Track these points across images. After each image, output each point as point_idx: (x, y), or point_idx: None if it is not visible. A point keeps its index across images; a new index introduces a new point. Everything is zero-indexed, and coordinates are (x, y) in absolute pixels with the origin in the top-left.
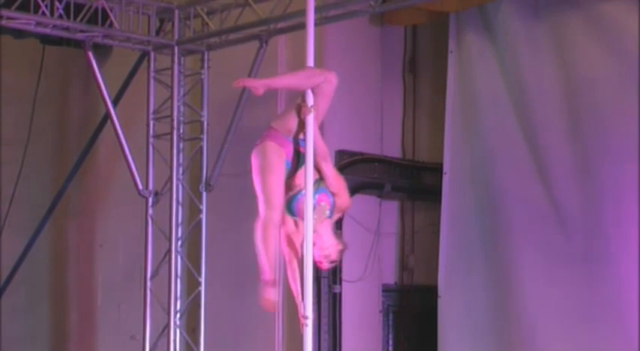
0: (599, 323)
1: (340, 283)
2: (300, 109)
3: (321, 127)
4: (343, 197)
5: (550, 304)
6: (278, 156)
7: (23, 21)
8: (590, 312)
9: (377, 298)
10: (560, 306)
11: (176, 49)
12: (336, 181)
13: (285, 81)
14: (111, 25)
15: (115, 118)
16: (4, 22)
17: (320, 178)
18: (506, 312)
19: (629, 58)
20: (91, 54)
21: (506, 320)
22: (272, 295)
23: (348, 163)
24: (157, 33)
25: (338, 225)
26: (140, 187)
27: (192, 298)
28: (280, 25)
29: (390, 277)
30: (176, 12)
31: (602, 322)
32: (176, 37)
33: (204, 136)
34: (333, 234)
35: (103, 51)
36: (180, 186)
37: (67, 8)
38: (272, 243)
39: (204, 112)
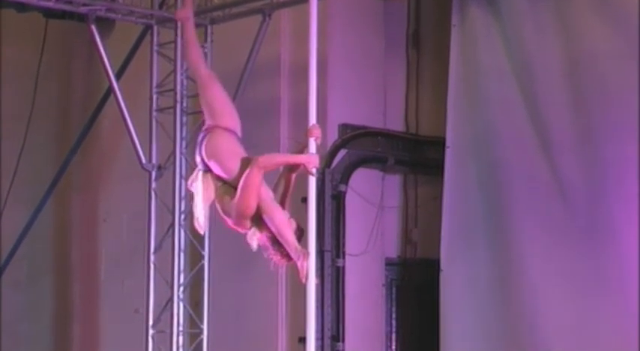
0: (600, 297)
1: (343, 257)
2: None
3: (325, 102)
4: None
5: (552, 278)
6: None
7: None
8: (592, 286)
9: (380, 271)
10: (562, 280)
11: (179, 22)
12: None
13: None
14: None
15: (118, 92)
16: None
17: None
18: (508, 285)
19: (633, 34)
20: (94, 28)
21: (508, 294)
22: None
23: (351, 136)
24: (160, 6)
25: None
26: (143, 161)
27: (196, 272)
28: None
29: (393, 251)
30: None
31: (604, 296)
32: None
33: None
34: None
35: (105, 25)
36: (183, 160)
37: None
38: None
39: None
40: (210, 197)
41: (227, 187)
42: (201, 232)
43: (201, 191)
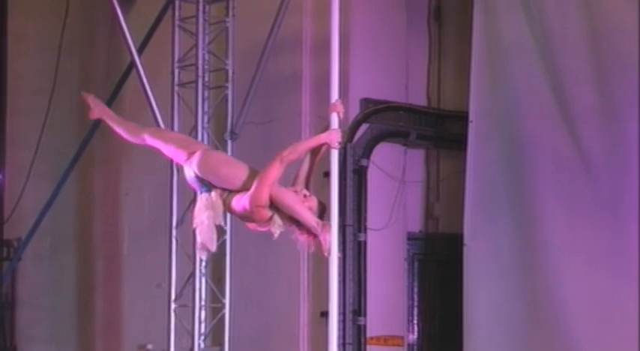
0: (622, 270)
1: (365, 232)
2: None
3: (347, 76)
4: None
5: (574, 252)
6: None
7: None
8: (615, 259)
9: (402, 246)
10: (585, 253)
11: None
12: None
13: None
14: None
15: (139, 66)
16: None
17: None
18: (531, 259)
19: None
20: (115, 2)
21: (531, 268)
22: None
23: (373, 111)
24: None
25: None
26: None
27: (218, 246)
28: None
29: (416, 225)
30: None
31: (626, 269)
32: None
33: (229, 85)
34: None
35: None
36: (205, 134)
37: None
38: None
39: (229, 61)
40: (218, 215)
41: (235, 192)
42: (204, 258)
43: (208, 212)
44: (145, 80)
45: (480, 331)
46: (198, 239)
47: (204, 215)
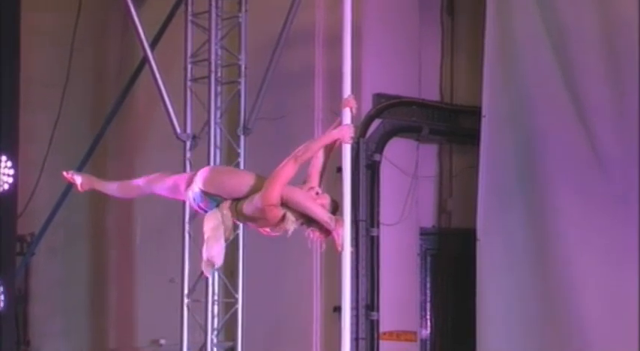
0: (635, 264)
1: (378, 227)
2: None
3: (360, 71)
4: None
5: (588, 246)
6: None
7: None
8: (628, 253)
9: (415, 241)
10: (598, 248)
11: None
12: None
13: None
14: None
15: (152, 61)
16: None
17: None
18: (544, 254)
19: None
20: None
21: (545, 262)
22: None
23: (386, 106)
24: None
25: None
26: (178, 130)
27: (231, 241)
28: None
29: (428, 221)
30: None
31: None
32: None
33: (242, 80)
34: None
35: None
36: (218, 129)
37: None
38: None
39: (242, 56)
40: (228, 228)
41: (244, 199)
42: (209, 276)
43: (218, 226)
44: (157, 75)
45: (494, 325)
46: (205, 255)
47: (215, 229)
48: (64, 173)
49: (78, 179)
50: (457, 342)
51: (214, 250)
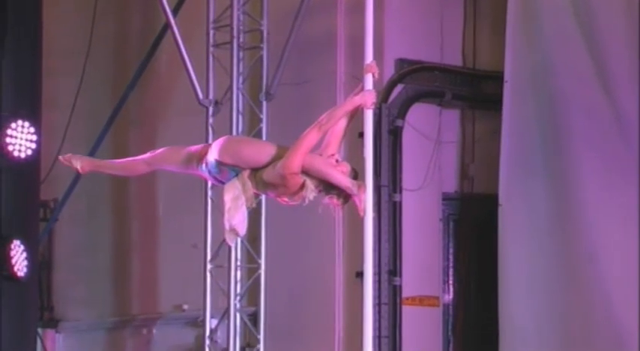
0: None
1: (400, 192)
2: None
3: (382, 37)
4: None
5: (610, 212)
6: None
7: None
8: None
9: (437, 206)
10: (621, 213)
11: None
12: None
13: None
14: None
15: (174, 27)
16: None
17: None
18: (567, 219)
19: None
20: None
21: (568, 227)
22: None
23: (408, 71)
24: None
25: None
26: (200, 96)
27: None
28: None
29: (451, 186)
30: None
31: None
32: None
33: (264, 45)
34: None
35: None
36: (240, 95)
37: None
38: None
39: (264, 21)
40: (250, 198)
41: (263, 168)
42: (231, 244)
43: (239, 195)
44: (179, 41)
45: (516, 290)
46: (227, 225)
47: (235, 199)
48: (60, 158)
49: (77, 163)
50: (480, 307)
51: (236, 219)
